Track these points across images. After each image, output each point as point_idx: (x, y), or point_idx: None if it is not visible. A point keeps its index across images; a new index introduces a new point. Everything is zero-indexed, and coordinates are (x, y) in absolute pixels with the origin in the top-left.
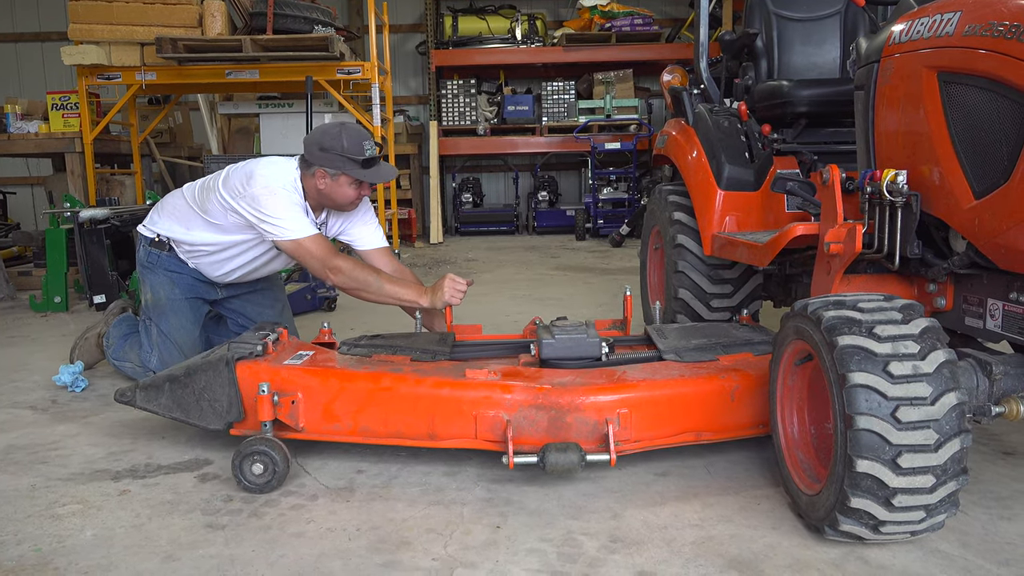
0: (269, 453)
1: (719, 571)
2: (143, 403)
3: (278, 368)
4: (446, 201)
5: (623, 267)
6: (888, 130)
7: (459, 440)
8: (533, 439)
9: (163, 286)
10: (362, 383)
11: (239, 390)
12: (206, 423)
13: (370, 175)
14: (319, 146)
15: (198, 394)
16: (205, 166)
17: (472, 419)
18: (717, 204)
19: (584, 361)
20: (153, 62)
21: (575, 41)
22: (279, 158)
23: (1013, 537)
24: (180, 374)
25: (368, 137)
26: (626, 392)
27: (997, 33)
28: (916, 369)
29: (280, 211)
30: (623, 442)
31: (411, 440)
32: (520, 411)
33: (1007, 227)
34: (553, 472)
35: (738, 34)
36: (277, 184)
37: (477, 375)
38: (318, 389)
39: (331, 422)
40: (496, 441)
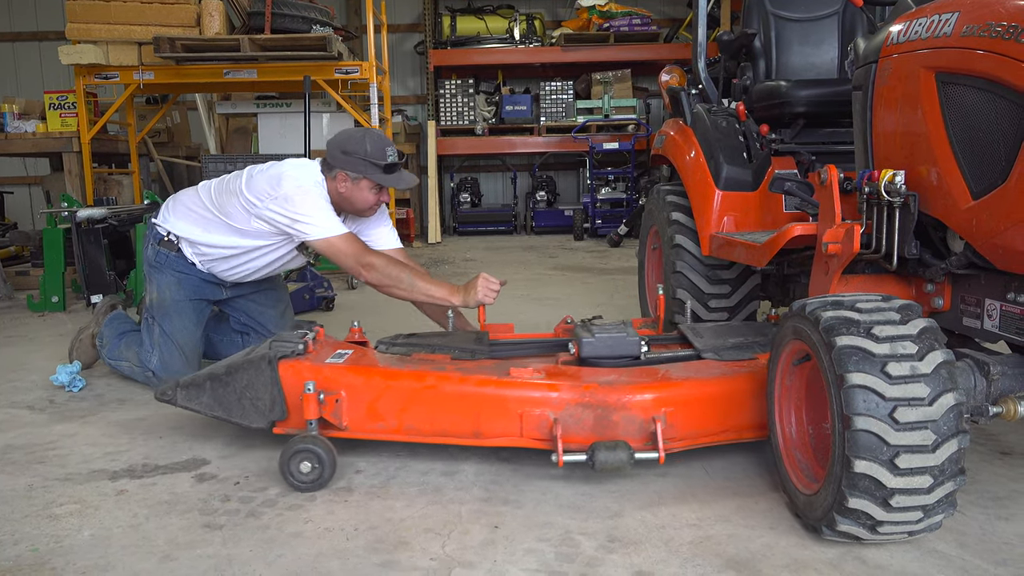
0: (316, 451)
1: (717, 571)
2: (184, 402)
3: (321, 367)
4: (444, 201)
5: (621, 267)
6: (886, 130)
7: (505, 438)
8: (579, 437)
9: (170, 287)
10: (407, 382)
11: (282, 388)
12: (248, 422)
13: (391, 180)
14: (342, 149)
15: (240, 393)
16: (203, 166)
17: (518, 417)
18: (715, 204)
19: (623, 360)
20: (151, 62)
21: (573, 41)
22: (302, 159)
23: (1010, 537)
24: (221, 372)
25: (391, 143)
26: (672, 390)
27: (995, 34)
28: (914, 370)
29: (313, 209)
30: (669, 440)
31: (456, 438)
32: (566, 409)
33: (1005, 227)
34: (603, 470)
35: (736, 34)
36: (308, 183)
37: (522, 373)
38: (362, 388)
39: (375, 421)
40: (542, 439)
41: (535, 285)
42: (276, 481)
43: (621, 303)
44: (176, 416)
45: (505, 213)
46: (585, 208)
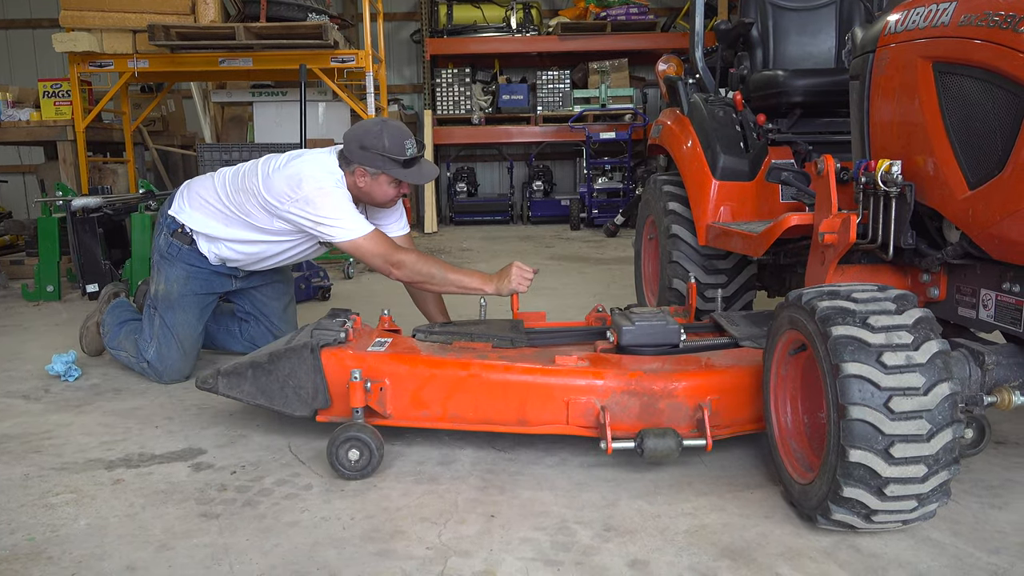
0: (365, 439)
1: (712, 559)
2: (225, 390)
3: (365, 355)
4: (440, 190)
5: (618, 257)
6: (883, 120)
7: (550, 426)
8: (625, 425)
9: (178, 280)
10: (451, 370)
11: (325, 377)
12: (291, 410)
13: (411, 175)
14: (359, 144)
15: (282, 381)
16: (198, 155)
17: (564, 405)
18: (712, 194)
19: (663, 348)
20: (145, 49)
21: (570, 30)
22: (319, 154)
23: (1003, 526)
24: (264, 361)
25: (409, 136)
26: (717, 378)
27: (993, 23)
28: (909, 359)
29: (336, 211)
30: (715, 427)
31: (500, 426)
32: (612, 397)
33: (1000, 217)
34: (652, 458)
35: (734, 23)
36: (329, 183)
37: (567, 361)
38: (407, 376)
39: (420, 408)
40: (588, 427)
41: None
42: (272, 470)
43: (618, 293)
44: (172, 405)
45: (501, 203)
46: (582, 198)
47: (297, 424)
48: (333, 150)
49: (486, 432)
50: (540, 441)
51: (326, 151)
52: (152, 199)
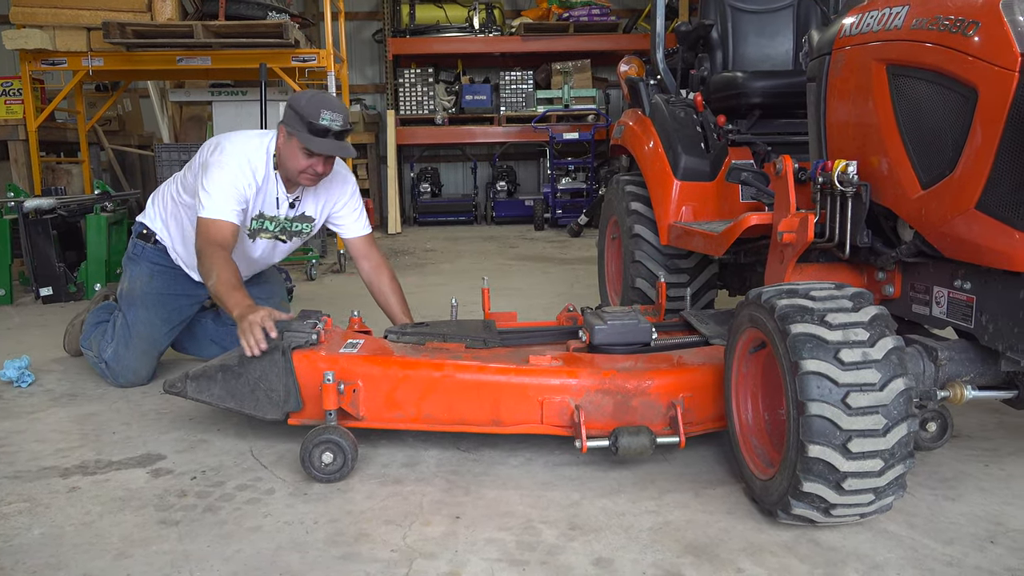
0: (339, 442)
1: (675, 556)
2: (194, 393)
3: (337, 357)
4: (404, 191)
5: (582, 257)
6: (839, 121)
7: (525, 426)
8: (599, 423)
9: (141, 277)
10: (425, 371)
11: (296, 379)
12: (262, 413)
13: (315, 143)
14: (289, 105)
15: (253, 384)
16: (156, 155)
17: (538, 404)
18: (673, 194)
19: (634, 346)
20: (100, 47)
21: (533, 31)
22: (256, 132)
23: (957, 517)
24: (234, 363)
25: (334, 108)
26: (689, 375)
27: (943, 27)
28: (866, 356)
29: (215, 188)
30: (688, 424)
31: (475, 426)
32: (586, 396)
33: (952, 216)
34: (626, 455)
35: (694, 25)
36: (235, 160)
37: (541, 361)
38: (380, 377)
39: (393, 410)
40: (562, 426)
41: (496, 275)
42: (234, 475)
43: (582, 292)
44: (130, 410)
45: (465, 203)
46: (545, 198)
47: (259, 428)
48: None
49: (451, 433)
50: (505, 442)
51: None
52: (108, 200)
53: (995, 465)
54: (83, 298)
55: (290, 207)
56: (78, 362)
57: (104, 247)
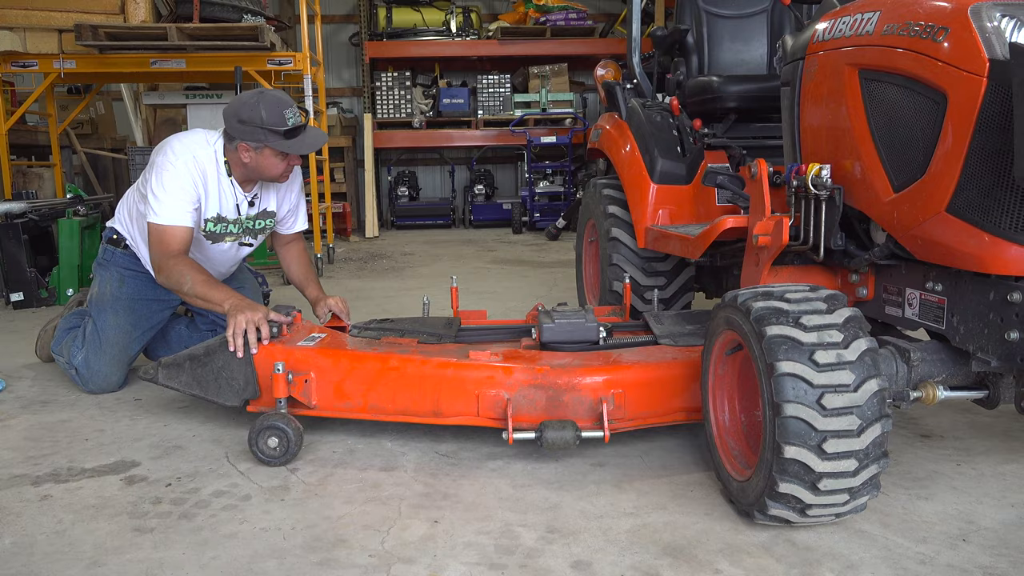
0: (283, 428)
1: (654, 558)
2: (164, 380)
3: (292, 349)
4: (381, 195)
5: (559, 260)
6: (813, 125)
7: (462, 417)
8: (531, 417)
9: (111, 282)
10: (371, 363)
11: (255, 369)
12: (224, 400)
13: (295, 146)
14: (237, 118)
15: (216, 373)
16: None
17: (475, 398)
18: (650, 198)
19: (582, 344)
20: (72, 50)
21: (510, 35)
22: (201, 131)
23: (930, 516)
24: (200, 354)
25: (289, 104)
26: (620, 373)
27: (914, 33)
28: (840, 357)
29: (163, 192)
30: (617, 420)
31: (417, 417)
32: (520, 390)
33: (923, 219)
34: (551, 448)
35: (670, 30)
36: (182, 160)
37: (479, 356)
38: (330, 369)
39: (342, 400)
40: (497, 419)
41: (473, 279)
42: (209, 481)
43: (559, 295)
44: (103, 417)
45: (443, 207)
46: (523, 201)
47: (235, 434)
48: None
49: (429, 436)
50: (483, 445)
51: (214, 131)
52: (80, 204)
53: (967, 464)
54: (55, 303)
55: (250, 206)
56: (50, 368)
57: (76, 252)
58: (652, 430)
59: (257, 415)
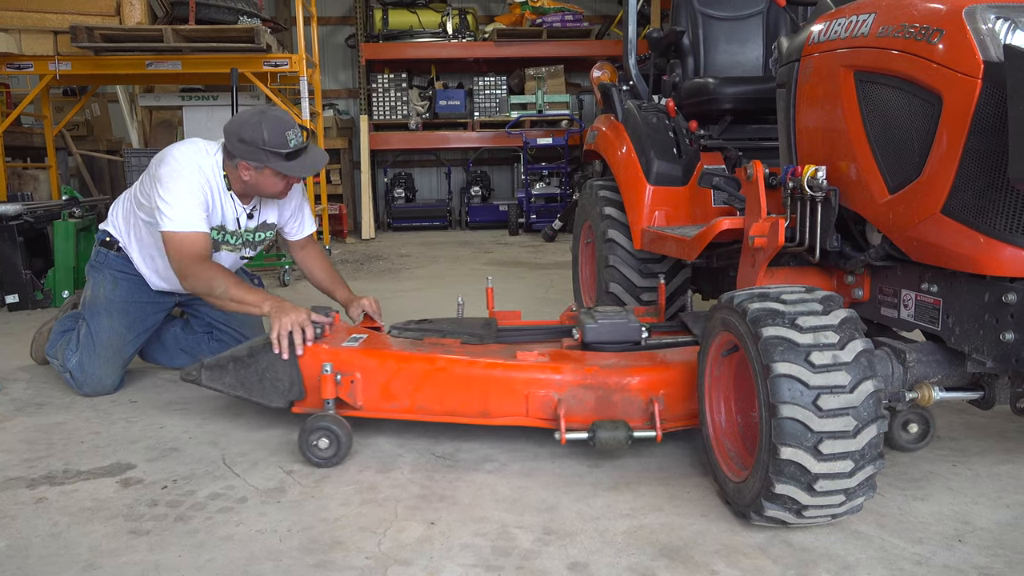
0: (333, 429)
1: (650, 559)
2: (208, 382)
3: (338, 350)
4: (378, 196)
5: (556, 261)
6: (808, 127)
7: (511, 418)
8: (581, 417)
9: (104, 284)
10: (418, 364)
11: (300, 370)
12: (268, 401)
13: (296, 168)
14: (239, 138)
15: (260, 374)
16: (125, 160)
17: (524, 398)
18: (646, 199)
19: (624, 345)
20: (68, 51)
21: (506, 36)
22: (200, 140)
23: (926, 517)
24: (244, 355)
25: (291, 125)
26: (668, 373)
27: (909, 35)
28: (836, 358)
29: (174, 199)
30: (666, 420)
31: (465, 417)
32: (569, 391)
33: (918, 221)
34: (603, 448)
35: (665, 32)
36: (187, 168)
37: (528, 357)
38: (377, 369)
39: (389, 400)
40: (546, 419)
41: (470, 280)
42: (205, 484)
43: (556, 297)
44: (99, 419)
45: (440, 208)
46: (520, 203)
47: (231, 436)
48: (220, 141)
49: (426, 438)
50: (480, 447)
51: (213, 141)
52: (76, 206)
53: (963, 465)
54: (50, 306)
55: (249, 218)
56: (45, 371)
57: (72, 254)
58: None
59: (303, 416)
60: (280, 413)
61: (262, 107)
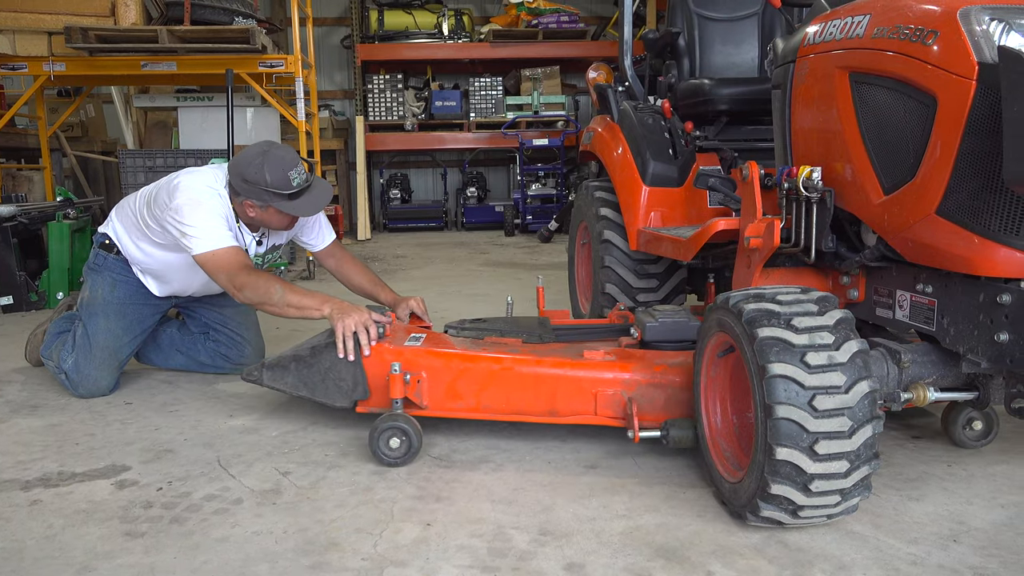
0: (405, 428)
1: (646, 560)
2: (270, 382)
3: (403, 349)
4: (373, 197)
5: (552, 262)
6: (804, 128)
7: (579, 416)
8: (651, 416)
9: (103, 286)
10: (485, 364)
11: (364, 370)
12: (332, 401)
13: (299, 207)
14: (242, 178)
15: (324, 374)
16: (120, 161)
17: (592, 397)
18: (642, 200)
19: (684, 343)
20: (62, 52)
21: (502, 37)
22: (206, 169)
23: (921, 517)
24: (305, 354)
25: (294, 164)
26: None
27: (904, 36)
28: (831, 359)
29: (199, 222)
30: None
31: (531, 416)
32: (638, 389)
33: (913, 221)
34: (676, 446)
35: (661, 33)
36: (203, 195)
37: (595, 356)
38: (442, 369)
39: (454, 400)
40: (615, 417)
41: (466, 281)
42: (201, 485)
43: (552, 299)
44: (94, 421)
45: (435, 209)
46: (516, 204)
47: (226, 438)
48: (223, 167)
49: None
50: (476, 448)
51: (218, 168)
52: (71, 207)
53: (957, 465)
54: (44, 307)
55: (258, 244)
56: (40, 372)
57: (66, 255)
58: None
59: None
60: (276, 413)
61: (265, 144)
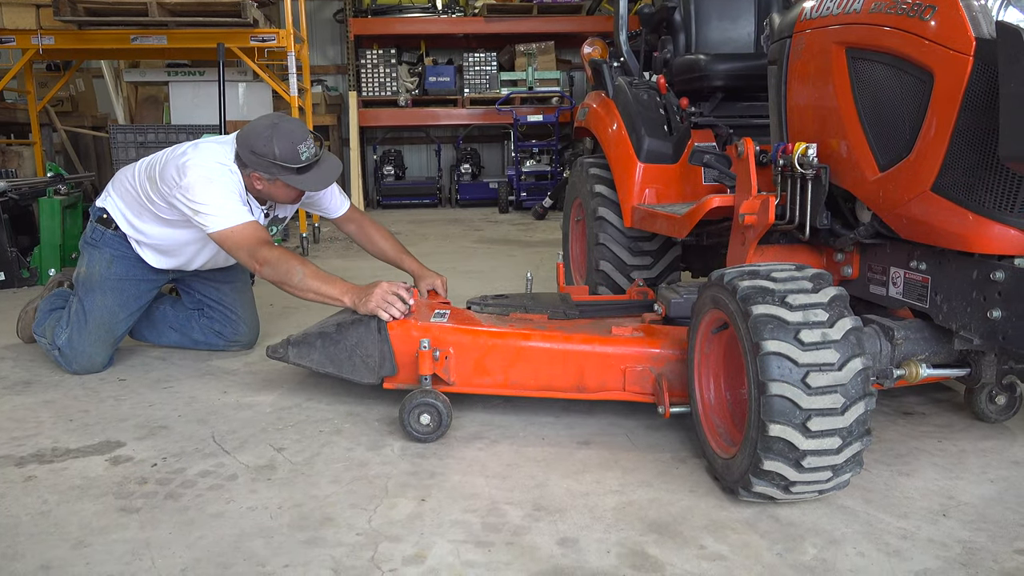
0: (435, 404)
1: (639, 534)
2: (295, 359)
3: (429, 325)
4: (367, 174)
5: (546, 239)
6: (799, 104)
7: (608, 392)
8: (678, 391)
9: (100, 262)
10: (513, 340)
11: (391, 346)
12: (359, 377)
13: (307, 181)
14: (251, 150)
15: (350, 350)
16: (111, 136)
17: (621, 373)
18: (637, 176)
19: None
20: (51, 25)
21: (496, 12)
22: (213, 143)
23: (911, 492)
24: (332, 331)
25: (303, 137)
26: None
27: (900, 11)
28: (825, 336)
29: (212, 199)
30: None
31: (559, 392)
32: (667, 365)
33: (908, 198)
34: None
35: (657, 8)
36: (215, 172)
37: (623, 331)
38: (470, 345)
39: (482, 376)
40: (643, 393)
41: (460, 258)
42: (195, 461)
43: (546, 275)
44: (88, 397)
45: (429, 186)
46: (510, 181)
47: (220, 414)
48: (230, 140)
49: None
50: (470, 424)
51: (223, 141)
52: (61, 183)
53: (948, 441)
54: (36, 284)
55: (265, 216)
56: (33, 349)
57: (58, 231)
58: (637, 408)
59: (399, 392)
60: (271, 389)
61: (275, 117)
